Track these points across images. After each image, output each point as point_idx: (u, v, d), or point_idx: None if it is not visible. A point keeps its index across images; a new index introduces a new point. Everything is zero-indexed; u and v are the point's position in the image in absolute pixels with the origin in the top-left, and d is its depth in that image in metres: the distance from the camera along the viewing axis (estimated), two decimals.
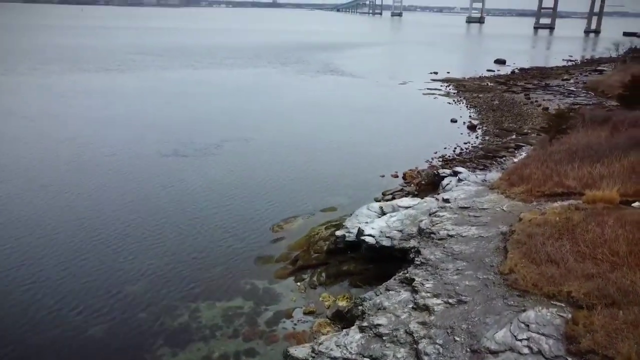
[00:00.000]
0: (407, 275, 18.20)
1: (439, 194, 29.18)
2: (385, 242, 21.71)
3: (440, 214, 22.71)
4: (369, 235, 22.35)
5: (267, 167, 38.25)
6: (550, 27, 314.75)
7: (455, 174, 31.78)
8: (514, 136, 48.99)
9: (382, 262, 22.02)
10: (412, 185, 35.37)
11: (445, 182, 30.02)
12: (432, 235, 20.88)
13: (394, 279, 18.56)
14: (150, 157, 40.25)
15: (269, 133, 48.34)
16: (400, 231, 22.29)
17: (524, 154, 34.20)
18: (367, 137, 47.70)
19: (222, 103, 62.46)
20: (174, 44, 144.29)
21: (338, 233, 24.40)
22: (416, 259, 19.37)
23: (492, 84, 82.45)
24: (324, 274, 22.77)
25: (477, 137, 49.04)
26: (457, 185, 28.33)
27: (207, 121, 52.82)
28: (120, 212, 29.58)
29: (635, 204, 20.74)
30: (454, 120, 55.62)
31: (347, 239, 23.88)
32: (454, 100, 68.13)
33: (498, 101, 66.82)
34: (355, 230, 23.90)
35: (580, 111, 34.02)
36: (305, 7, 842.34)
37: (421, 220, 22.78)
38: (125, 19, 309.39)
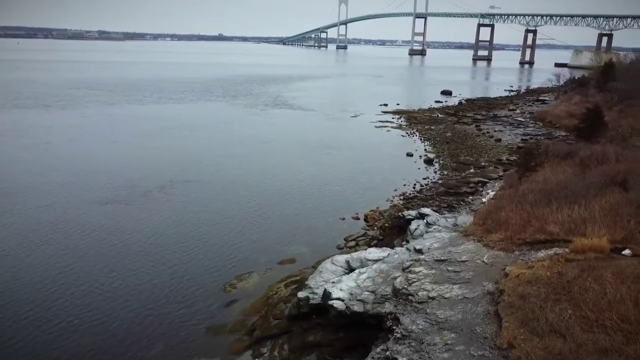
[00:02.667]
0: (387, 353, 15.34)
1: (407, 240, 26.84)
2: (357, 307, 18.82)
3: (416, 269, 20.14)
4: (338, 299, 19.42)
5: (215, 214, 34.78)
6: (488, 59, 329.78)
7: (421, 216, 29.59)
8: (472, 170, 47.92)
9: (353, 330, 19.10)
10: (376, 228, 32.93)
11: (412, 226, 27.70)
12: (410, 297, 18.22)
13: (372, 359, 15.66)
14: (86, 206, 35.81)
15: (217, 174, 44.96)
16: (373, 292, 19.50)
17: (490, 192, 32.67)
18: (322, 176, 45.20)
19: (168, 141, 58.57)
20: (119, 78, 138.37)
21: (301, 295, 21.31)
22: (396, 330, 16.59)
23: (442, 116, 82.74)
24: (286, 347, 19.53)
25: (435, 172, 47.63)
26: (426, 232, 26.04)
27: (152, 162, 48.73)
28: (44, 275, 25.26)
29: (626, 252, 19.02)
30: (409, 154, 54.27)
31: (311, 301, 20.82)
32: (407, 133, 67.27)
33: (451, 133, 66.50)
34: (320, 291, 20.92)
35: (547, 147, 33.09)
36: (251, 40, 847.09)
37: (395, 278, 20.12)
38: (66, 52, 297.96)
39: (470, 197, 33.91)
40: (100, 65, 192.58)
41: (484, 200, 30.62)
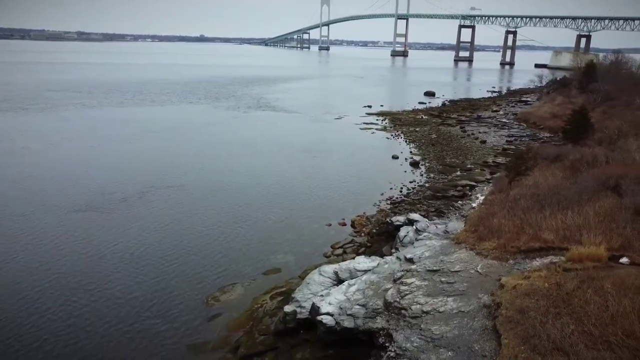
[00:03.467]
0: None
1: (397, 248, 26.01)
2: (347, 323, 17.88)
3: (408, 280, 19.30)
4: (327, 313, 18.46)
5: (197, 222, 33.53)
6: (469, 60, 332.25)
7: (410, 222, 28.81)
8: (458, 172, 47.40)
9: (344, 346, 18.16)
10: (363, 234, 32.06)
11: (401, 233, 26.86)
12: (402, 311, 17.36)
13: None
14: (63, 214, 34.27)
15: (199, 179, 43.68)
16: (364, 306, 18.58)
17: (480, 197, 32.02)
18: (308, 180, 44.24)
19: (148, 145, 56.97)
20: (99, 79, 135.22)
21: (287, 309, 20.29)
22: (389, 347, 15.73)
23: (426, 117, 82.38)
24: None
25: (421, 175, 47.00)
26: (416, 239, 25.24)
27: (132, 167, 47.21)
28: (19, 289, 23.84)
29: (624, 260, 18.43)
30: (395, 157, 53.61)
31: (298, 316, 19.83)
32: (392, 135, 66.66)
33: (435, 135, 66.07)
34: (307, 305, 19.95)
35: (537, 151, 32.50)
36: (233, 41, 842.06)
37: (386, 290, 19.26)
38: (44, 53, 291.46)
39: (460, 201, 33.18)
40: (80, 66, 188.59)
41: (473, 205, 29.92)
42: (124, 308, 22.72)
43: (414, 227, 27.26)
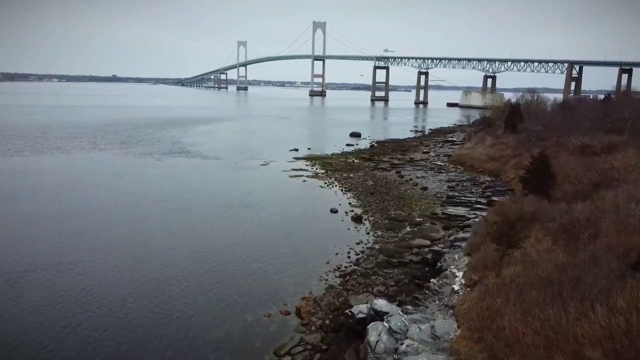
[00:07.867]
0: None
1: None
2: None
3: None
4: None
5: (88, 322, 24.53)
6: (385, 99, 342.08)
7: (377, 313, 22.07)
8: (408, 228, 41.86)
9: None
10: (314, 328, 24.77)
11: (372, 338, 19.88)
12: None
13: None
14: None
15: (96, 253, 34.41)
16: None
17: (457, 272, 26.04)
18: (235, 247, 36.45)
19: (39, 204, 46.35)
20: None
21: None
22: None
23: (358, 161, 77.60)
24: None
25: (367, 233, 40.88)
26: (397, 350, 18.40)
27: (13, 237, 36.99)
28: None
29: None
30: (334, 211, 47.27)
31: None
32: (325, 183, 60.59)
33: (372, 181, 60.93)
34: None
35: (532, 215, 27.34)
36: (147, 81, 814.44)
37: None
38: None
39: (434, 280, 26.68)
40: None
41: (454, 287, 23.89)
42: None
43: (385, 325, 20.47)
